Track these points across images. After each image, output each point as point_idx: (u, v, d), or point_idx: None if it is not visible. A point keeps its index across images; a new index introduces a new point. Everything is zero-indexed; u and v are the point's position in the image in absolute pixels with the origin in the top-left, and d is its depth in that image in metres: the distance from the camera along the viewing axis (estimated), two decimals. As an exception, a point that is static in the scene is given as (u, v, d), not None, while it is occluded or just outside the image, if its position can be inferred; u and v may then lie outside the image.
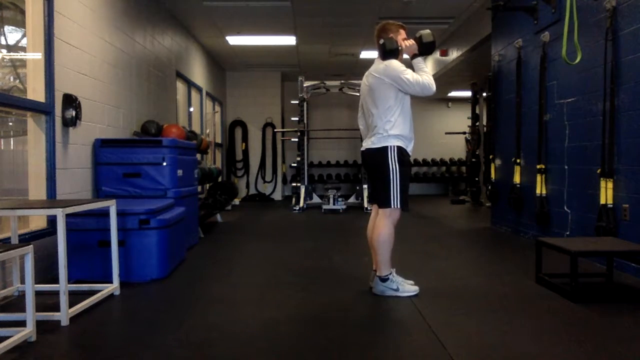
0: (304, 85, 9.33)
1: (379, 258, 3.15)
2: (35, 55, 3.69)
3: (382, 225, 3.13)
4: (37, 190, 3.69)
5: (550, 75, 4.96)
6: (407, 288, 3.17)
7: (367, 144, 3.19)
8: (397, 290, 3.14)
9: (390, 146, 3.07)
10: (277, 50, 9.33)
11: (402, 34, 3.25)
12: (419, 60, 3.18)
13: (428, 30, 3.22)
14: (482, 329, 2.61)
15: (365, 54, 9.63)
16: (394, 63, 3.09)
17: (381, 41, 3.16)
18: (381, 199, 3.11)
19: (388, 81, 3.08)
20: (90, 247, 3.54)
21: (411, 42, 3.19)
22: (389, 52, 3.12)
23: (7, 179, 4.48)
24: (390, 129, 3.09)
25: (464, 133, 11.22)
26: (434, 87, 3.07)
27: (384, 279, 3.15)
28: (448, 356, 2.22)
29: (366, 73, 3.24)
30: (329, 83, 9.51)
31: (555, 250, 3.32)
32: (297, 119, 9.67)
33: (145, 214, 3.64)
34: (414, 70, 3.15)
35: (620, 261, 3.73)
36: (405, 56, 3.25)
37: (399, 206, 3.08)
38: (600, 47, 4.05)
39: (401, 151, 3.09)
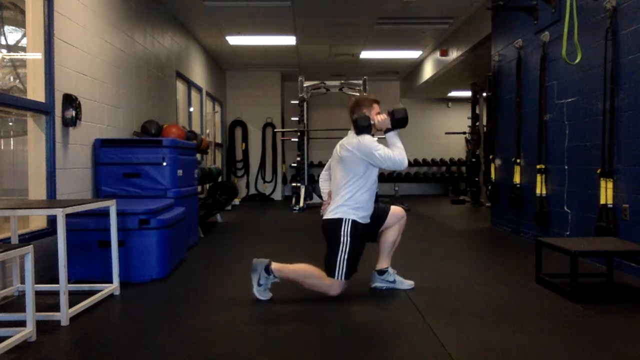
0: (304, 85, 9.33)
1: (296, 278, 3.17)
2: (35, 55, 3.69)
3: (325, 283, 3.13)
4: (37, 190, 3.69)
5: (550, 75, 4.96)
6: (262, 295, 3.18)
7: (327, 214, 3.25)
8: (259, 285, 3.15)
9: (346, 219, 3.14)
10: (277, 50, 9.33)
11: (376, 108, 3.30)
12: (391, 135, 3.23)
13: (401, 105, 3.33)
14: (481, 329, 2.61)
15: (365, 54, 9.64)
16: (367, 139, 3.15)
17: (354, 116, 3.23)
18: (328, 267, 3.15)
19: (360, 155, 3.14)
20: (90, 247, 3.54)
21: (384, 117, 3.24)
22: (362, 128, 3.18)
23: (7, 179, 4.48)
24: (350, 198, 3.16)
25: (464, 133, 11.22)
26: (405, 162, 3.14)
27: (269, 271, 3.16)
28: (448, 356, 2.22)
29: (340, 142, 3.31)
30: (329, 83, 9.51)
31: (555, 250, 3.32)
32: (297, 119, 9.67)
33: (145, 214, 3.64)
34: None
35: (620, 261, 3.73)
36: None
37: (342, 279, 3.13)
38: (600, 47, 4.05)
39: (355, 225, 3.14)
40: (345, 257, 3.10)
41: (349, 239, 3.11)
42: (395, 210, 3.35)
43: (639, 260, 3.60)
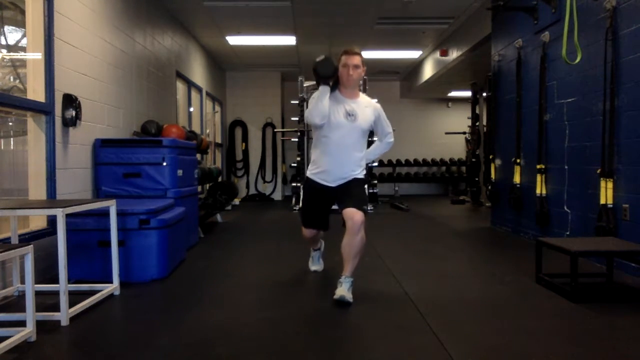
0: (304, 85, 9.32)
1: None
2: (35, 55, 3.69)
3: None
4: (37, 190, 3.69)
5: (550, 75, 4.96)
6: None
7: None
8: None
9: (305, 174, 3.43)
10: (277, 50, 9.33)
11: (342, 60, 3.27)
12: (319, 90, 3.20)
13: (321, 57, 3.17)
14: (482, 329, 2.61)
15: (365, 54, 9.56)
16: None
17: None
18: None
19: None
20: (90, 247, 3.54)
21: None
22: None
23: (7, 179, 4.47)
24: (312, 156, 3.40)
25: (464, 133, 11.22)
26: (309, 114, 3.15)
27: None
28: (448, 356, 2.22)
29: None
30: (329, 83, 9.48)
31: (555, 250, 3.32)
32: (297, 119, 9.66)
33: (145, 214, 3.64)
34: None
35: (620, 261, 3.73)
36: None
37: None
38: (600, 47, 4.05)
39: (307, 180, 3.42)
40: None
41: (302, 191, 3.54)
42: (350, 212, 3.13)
43: (639, 260, 3.60)
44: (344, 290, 3.01)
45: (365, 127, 3.23)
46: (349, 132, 3.18)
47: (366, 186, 3.27)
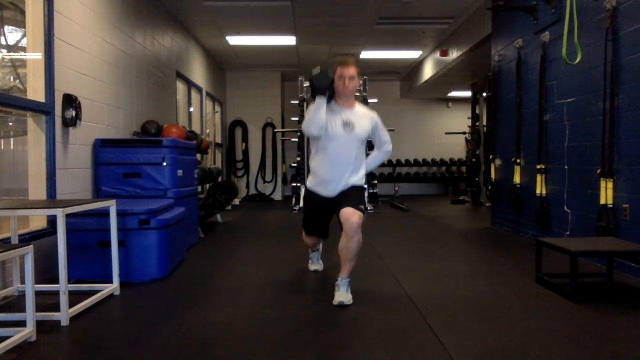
0: (304, 85, 9.32)
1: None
2: (35, 55, 3.69)
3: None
4: (37, 190, 3.69)
5: (550, 75, 4.96)
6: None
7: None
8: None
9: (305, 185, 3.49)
10: (277, 50, 9.33)
11: (337, 71, 3.25)
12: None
13: (317, 70, 3.28)
14: (482, 329, 2.61)
15: (365, 54, 9.64)
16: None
17: None
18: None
19: None
20: (90, 247, 3.54)
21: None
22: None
23: (7, 179, 4.47)
24: (310, 166, 3.40)
25: (464, 133, 11.22)
26: (306, 125, 3.18)
27: None
28: (448, 356, 2.22)
29: None
30: (329, 83, 9.48)
31: (555, 250, 3.32)
32: (297, 119, 9.66)
33: (145, 214, 3.64)
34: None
35: (620, 261, 3.73)
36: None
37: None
38: (600, 47, 4.05)
39: (306, 191, 3.44)
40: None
41: (302, 201, 3.51)
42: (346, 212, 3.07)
43: (639, 260, 3.60)
44: (342, 294, 3.03)
45: (363, 137, 3.27)
46: (346, 142, 3.22)
47: (365, 193, 3.22)
